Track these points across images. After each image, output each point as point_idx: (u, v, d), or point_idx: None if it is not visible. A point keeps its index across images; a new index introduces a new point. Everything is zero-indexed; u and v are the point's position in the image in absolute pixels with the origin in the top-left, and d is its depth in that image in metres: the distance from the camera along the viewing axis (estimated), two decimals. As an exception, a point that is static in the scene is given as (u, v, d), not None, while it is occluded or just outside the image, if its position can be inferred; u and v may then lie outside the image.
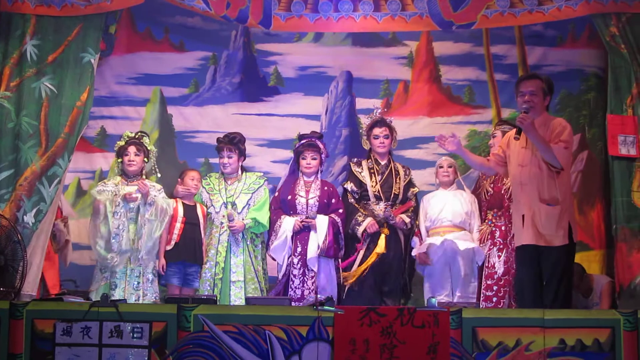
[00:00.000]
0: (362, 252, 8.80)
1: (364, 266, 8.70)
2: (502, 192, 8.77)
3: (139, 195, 8.66)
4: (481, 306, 8.46)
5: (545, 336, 6.75)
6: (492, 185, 8.88)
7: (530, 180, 7.48)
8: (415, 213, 9.00)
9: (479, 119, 10.70)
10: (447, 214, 8.90)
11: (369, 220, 8.79)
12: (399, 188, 8.96)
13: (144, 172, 8.90)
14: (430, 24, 10.04)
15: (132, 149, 8.83)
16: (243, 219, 8.88)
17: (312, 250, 8.75)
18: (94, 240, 8.65)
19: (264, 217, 8.93)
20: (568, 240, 7.43)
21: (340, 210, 8.93)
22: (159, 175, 9.15)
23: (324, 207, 8.91)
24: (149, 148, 8.97)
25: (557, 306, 7.32)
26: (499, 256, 8.71)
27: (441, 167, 9.12)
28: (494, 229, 8.78)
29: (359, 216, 8.85)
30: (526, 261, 7.61)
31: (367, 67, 11.00)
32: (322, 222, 8.81)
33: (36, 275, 8.47)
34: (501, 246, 8.72)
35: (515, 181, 7.66)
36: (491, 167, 8.04)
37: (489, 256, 8.76)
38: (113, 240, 8.54)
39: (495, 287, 8.68)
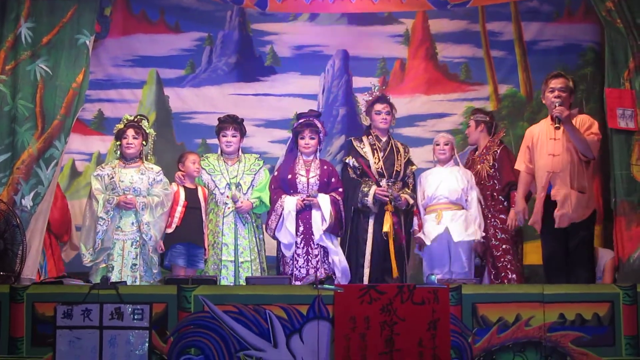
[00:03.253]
0: (370, 233, 8.77)
1: (391, 249, 8.68)
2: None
3: (134, 203, 8.60)
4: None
5: (545, 311, 6.78)
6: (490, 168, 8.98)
7: (563, 169, 7.78)
8: (414, 191, 8.99)
9: (476, 95, 10.71)
10: (443, 191, 8.89)
11: (374, 187, 8.76)
12: (400, 165, 8.95)
13: (142, 155, 8.86)
14: (426, 4, 10.08)
15: (130, 132, 8.78)
16: (249, 199, 8.86)
17: (318, 229, 8.73)
18: (85, 234, 8.64)
19: (266, 197, 8.92)
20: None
21: (340, 190, 8.91)
22: (151, 158, 9.11)
23: (324, 186, 8.89)
24: (147, 131, 8.93)
25: (584, 275, 7.60)
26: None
27: (437, 144, 9.10)
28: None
29: (364, 187, 8.81)
30: (555, 240, 7.87)
31: (364, 45, 10.99)
32: (324, 200, 8.79)
33: (35, 259, 8.47)
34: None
35: (544, 170, 7.89)
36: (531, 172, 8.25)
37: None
38: (96, 237, 8.52)
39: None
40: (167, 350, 6.76)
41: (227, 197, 8.87)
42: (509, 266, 8.71)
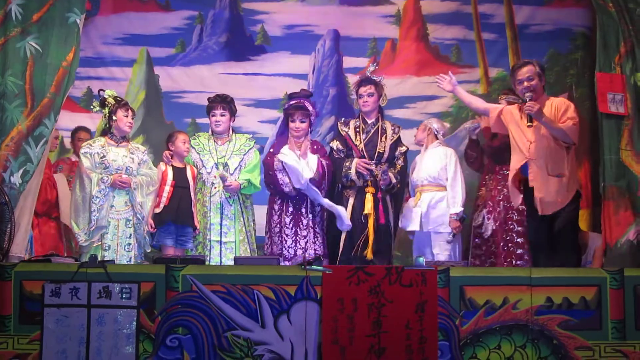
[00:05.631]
0: (349, 214, 8.74)
1: (370, 232, 8.64)
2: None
3: (128, 182, 8.59)
4: (469, 264, 8.54)
5: (532, 294, 6.81)
6: (490, 156, 8.94)
7: (539, 155, 7.79)
8: (403, 172, 8.97)
9: (467, 78, 10.68)
10: (422, 172, 8.94)
11: (356, 160, 8.73)
12: (384, 147, 8.88)
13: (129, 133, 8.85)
14: (418, -16, 10.02)
15: (126, 111, 8.77)
16: (236, 179, 8.84)
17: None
18: (75, 212, 8.62)
19: (256, 178, 8.90)
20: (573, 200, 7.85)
21: (327, 162, 8.85)
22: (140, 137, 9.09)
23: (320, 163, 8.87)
24: (134, 112, 8.91)
25: (569, 258, 7.63)
26: (489, 218, 8.80)
27: (418, 128, 9.21)
28: (489, 191, 8.85)
29: (347, 162, 8.79)
30: (539, 223, 7.88)
31: (355, 25, 10.97)
32: (312, 158, 8.77)
33: (24, 237, 8.45)
34: (490, 208, 8.81)
35: (521, 154, 7.92)
36: (487, 112, 8.36)
37: (478, 216, 8.86)
38: (92, 217, 8.50)
39: (484, 247, 8.80)
40: (154, 330, 6.77)
41: (215, 176, 8.85)
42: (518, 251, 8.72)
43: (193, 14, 10.96)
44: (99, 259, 7.50)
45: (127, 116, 8.73)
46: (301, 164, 8.64)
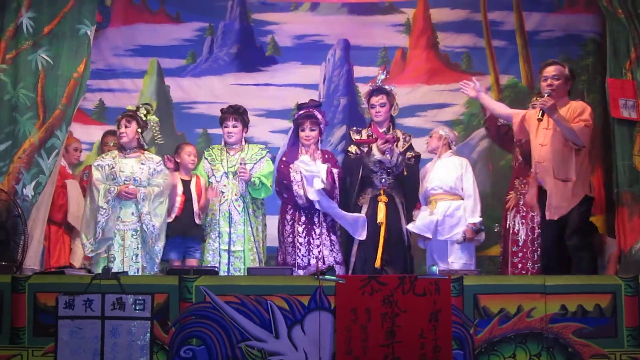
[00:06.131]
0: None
1: (381, 240, 8.62)
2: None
3: (134, 193, 8.57)
4: (510, 273, 8.54)
5: (546, 302, 6.77)
6: (521, 155, 8.85)
7: (547, 159, 7.76)
8: (412, 177, 8.92)
9: (478, 86, 10.67)
10: (437, 181, 8.92)
11: (373, 145, 8.74)
12: (396, 156, 8.88)
13: (141, 142, 8.82)
14: (427, -9, 10.02)
15: (122, 122, 8.77)
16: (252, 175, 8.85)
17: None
18: (85, 223, 8.62)
19: (268, 179, 8.88)
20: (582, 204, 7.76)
21: (338, 170, 8.86)
22: (152, 149, 9.09)
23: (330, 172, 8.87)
24: (146, 119, 8.88)
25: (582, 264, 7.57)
26: (523, 223, 8.73)
27: (430, 136, 9.18)
28: (519, 196, 8.77)
29: (365, 149, 8.79)
30: (551, 229, 7.85)
31: (364, 34, 10.99)
32: (322, 166, 8.76)
33: (37, 249, 8.47)
34: (524, 213, 8.72)
35: (535, 159, 7.94)
36: (510, 117, 8.42)
37: (514, 223, 8.77)
38: (97, 227, 8.49)
39: (520, 254, 8.69)
40: (168, 341, 6.76)
41: (224, 185, 8.86)
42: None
43: (203, 26, 11.00)
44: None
45: (125, 125, 8.71)
46: (316, 169, 8.68)
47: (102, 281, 6.84)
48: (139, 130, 8.76)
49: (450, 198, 8.90)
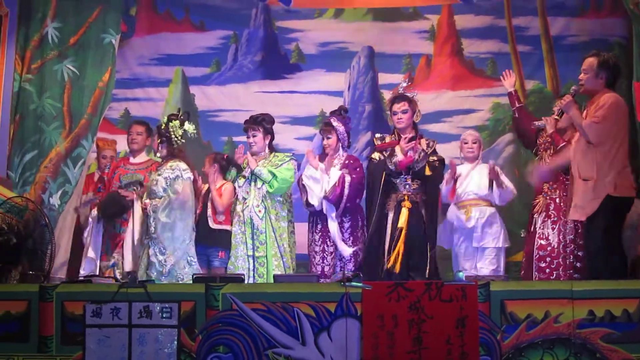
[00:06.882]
0: (389, 228, 8.73)
1: (399, 245, 8.62)
2: None
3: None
4: (535, 278, 8.48)
5: (574, 307, 6.72)
6: (549, 157, 8.80)
7: (574, 157, 7.67)
8: (436, 175, 8.89)
9: (503, 91, 10.43)
10: (472, 187, 8.91)
11: (397, 147, 8.72)
12: (420, 162, 8.87)
13: (158, 154, 8.80)
14: (451, -3, 10.02)
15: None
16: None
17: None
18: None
19: (282, 173, 8.82)
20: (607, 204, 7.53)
21: (354, 176, 8.87)
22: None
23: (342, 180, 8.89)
24: (175, 132, 8.81)
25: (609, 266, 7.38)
26: (553, 228, 8.67)
27: (466, 142, 9.11)
28: (548, 201, 8.71)
29: (387, 154, 8.76)
30: (589, 231, 7.74)
31: (389, 41, 11.00)
32: (334, 174, 8.79)
33: (64, 258, 8.51)
34: (555, 218, 8.65)
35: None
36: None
37: (542, 228, 8.72)
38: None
39: (548, 259, 8.62)
40: (195, 349, 6.76)
41: (247, 192, 8.88)
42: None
43: (228, 34, 11.04)
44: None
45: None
46: (319, 185, 8.73)
47: (129, 289, 6.85)
48: (160, 140, 8.74)
49: (484, 204, 8.91)
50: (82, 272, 8.59)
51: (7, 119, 9.13)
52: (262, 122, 9.03)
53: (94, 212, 8.57)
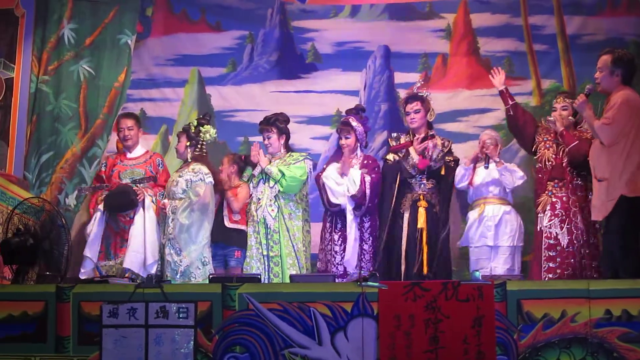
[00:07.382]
0: (405, 228, 8.73)
1: (424, 247, 8.61)
2: (563, 164, 8.67)
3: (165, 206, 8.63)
4: (543, 278, 8.42)
5: (590, 307, 6.70)
6: (553, 155, 8.76)
7: (591, 158, 7.73)
8: (449, 174, 8.89)
9: (519, 90, 10.56)
10: (489, 185, 8.87)
11: (411, 148, 8.75)
12: (434, 161, 8.87)
13: (188, 157, 8.84)
14: (467, -5, 9.99)
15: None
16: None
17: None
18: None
19: (291, 171, 8.85)
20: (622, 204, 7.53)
21: (374, 176, 8.87)
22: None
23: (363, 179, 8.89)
24: (204, 137, 8.88)
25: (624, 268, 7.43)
26: (562, 227, 8.63)
27: (482, 145, 9.10)
28: (554, 199, 8.66)
29: (402, 155, 8.81)
30: (606, 231, 7.79)
31: (405, 41, 10.96)
32: (355, 174, 8.81)
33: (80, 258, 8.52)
34: (563, 217, 8.61)
35: None
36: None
37: (550, 227, 8.68)
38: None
39: (558, 259, 8.57)
40: (212, 349, 6.78)
41: (261, 192, 8.89)
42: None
43: (244, 34, 11.04)
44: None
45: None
46: (343, 185, 8.70)
47: (145, 290, 6.87)
48: (188, 143, 8.80)
49: (500, 202, 8.87)
50: (82, 270, 8.62)
51: (24, 121, 9.17)
52: (275, 122, 9.05)
53: (100, 207, 8.55)
